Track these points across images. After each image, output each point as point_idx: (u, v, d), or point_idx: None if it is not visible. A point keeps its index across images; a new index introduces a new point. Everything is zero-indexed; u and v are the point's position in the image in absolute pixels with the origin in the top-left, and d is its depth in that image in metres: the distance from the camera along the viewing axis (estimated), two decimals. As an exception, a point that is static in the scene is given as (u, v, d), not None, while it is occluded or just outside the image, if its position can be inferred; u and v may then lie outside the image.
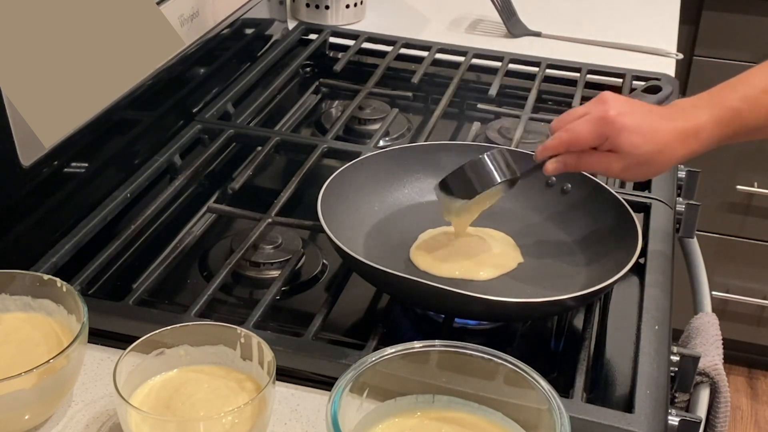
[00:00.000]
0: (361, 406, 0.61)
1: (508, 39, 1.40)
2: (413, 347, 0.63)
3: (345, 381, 0.60)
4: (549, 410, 0.58)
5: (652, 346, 0.74)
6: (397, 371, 0.62)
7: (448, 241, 0.84)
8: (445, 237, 0.85)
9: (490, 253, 0.83)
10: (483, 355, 0.63)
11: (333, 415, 0.57)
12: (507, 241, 0.85)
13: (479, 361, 0.63)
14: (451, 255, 0.82)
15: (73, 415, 0.68)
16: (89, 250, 0.84)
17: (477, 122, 1.12)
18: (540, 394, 0.60)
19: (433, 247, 0.83)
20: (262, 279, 0.84)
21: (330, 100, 1.25)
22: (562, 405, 0.58)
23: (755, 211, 2.02)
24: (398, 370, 0.62)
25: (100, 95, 0.87)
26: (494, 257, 0.82)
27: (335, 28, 1.37)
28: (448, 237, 0.85)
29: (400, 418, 0.62)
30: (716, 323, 0.94)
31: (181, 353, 0.66)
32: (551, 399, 0.59)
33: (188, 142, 1.03)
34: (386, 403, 0.62)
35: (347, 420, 0.59)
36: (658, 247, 0.87)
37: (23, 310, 0.70)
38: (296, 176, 0.95)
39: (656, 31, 1.44)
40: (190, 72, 1.07)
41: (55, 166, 0.83)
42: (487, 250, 0.83)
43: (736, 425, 2.11)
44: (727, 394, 0.86)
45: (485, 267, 0.81)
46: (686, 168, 1.10)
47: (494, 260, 0.82)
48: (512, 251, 0.84)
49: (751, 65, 0.80)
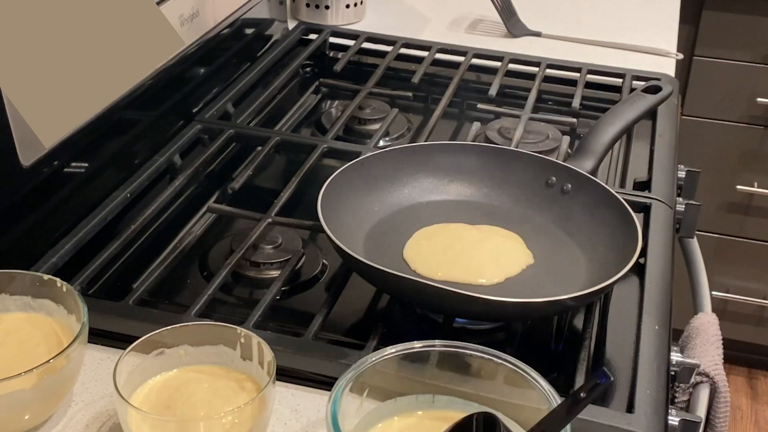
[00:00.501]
0: (361, 406, 0.61)
1: (508, 39, 1.40)
2: (413, 347, 0.63)
3: (345, 381, 0.60)
4: (549, 410, 0.58)
5: (652, 346, 0.74)
6: (398, 371, 0.62)
7: (448, 242, 0.84)
8: (445, 237, 0.84)
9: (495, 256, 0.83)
10: (483, 355, 0.63)
11: (333, 415, 0.57)
12: (516, 242, 0.85)
13: (479, 361, 0.63)
14: (453, 258, 0.82)
15: (73, 415, 0.68)
16: (89, 250, 0.84)
17: (477, 122, 1.12)
18: (540, 394, 0.60)
19: (430, 251, 0.83)
20: (262, 279, 0.84)
21: (330, 100, 1.25)
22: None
23: (755, 211, 2.03)
24: (398, 370, 0.62)
25: (100, 95, 0.87)
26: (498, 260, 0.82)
27: (335, 28, 1.37)
28: (448, 237, 0.84)
29: (399, 417, 0.62)
30: (716, 323, 0.94)
31: (181, 353, 0.66)
32: (551, 399, 0.59)
33: (188, 142, 1.03)
34: (386, 402, 0.62)
35: (347, 420, 0.59)
36: (658, 247, 0.87)
37: (23, 310, 0.70)
38: (296, 176, 0.95)
39: (656, 31, 1.45)
40: (190, 72, 1.07)
41: (55, 166, 0.83)
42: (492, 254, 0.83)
43: (736, 425, 2.11)
44: (727, 394, 0.86)
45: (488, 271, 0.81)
46: (686, 168, 1.10)
47: (498, 264, 0.82)
48: (519, 254, 0.83)
49: (751, 65, 0.80)
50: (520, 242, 0.85)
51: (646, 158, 1.05)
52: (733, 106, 1.93)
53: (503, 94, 1.21)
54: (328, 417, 0.57)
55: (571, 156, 0.93)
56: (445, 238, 0.84)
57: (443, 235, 0.85)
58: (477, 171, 0.92)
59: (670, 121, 1.13)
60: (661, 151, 1.05)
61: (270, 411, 0.63)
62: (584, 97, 1.18)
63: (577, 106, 1.16)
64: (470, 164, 0.92)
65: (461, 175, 0.92)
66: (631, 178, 1.02)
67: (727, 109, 1.94)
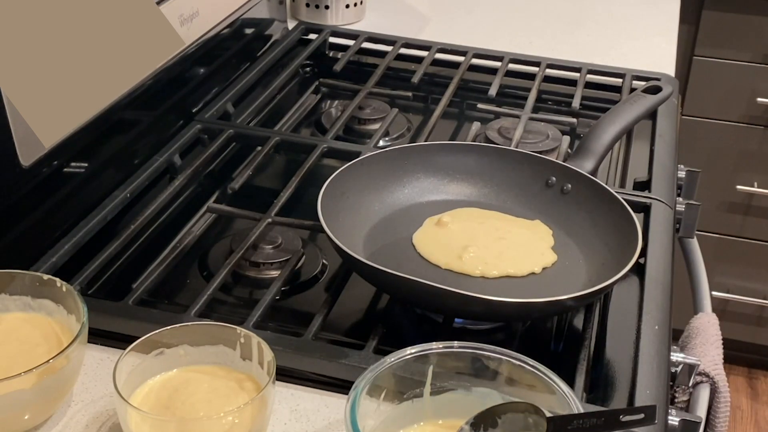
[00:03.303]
0: (378, 408, 0.61)
1: (508, 39, 1.40)
2: (431, 348, 0.63)
3: (363, 382, 0.59)
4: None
5: (652, 346, 0.74)
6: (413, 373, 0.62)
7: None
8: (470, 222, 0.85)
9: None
10: (501, 356, 0.62)
11: (352, 418, 0.56)
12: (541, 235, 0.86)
13: (498, 362, 0.62)
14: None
15: (73, 415, 0.68)
16: (89, 250, 0.83)
17: (477, 122, 1.12)
18: (560, 398, 0.59)
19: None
20: (262, 279, 0.84)
21: (330, 100, 1.25)
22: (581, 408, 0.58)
23: (755, 211, 2.03)
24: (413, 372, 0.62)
25: (100, 95, 0.87)
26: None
27: (335, 28, 1.37)
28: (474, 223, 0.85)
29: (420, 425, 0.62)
30: (716, 323, 0.94)
31: (181, 353, 0.66)
32: (572, 404, 0.59)
33: (188, 142, 1.03)
34: (402, 405, 0.62)
35: (366, 423, 0.58)
36: (658, 247, 0.87)
37: (23, 310, 0.70)
38: (296, 176, 0.95)
39: (656, 31, 1.45)
40: (190, 72, 1.07)
41: (55, 166, 0.83)
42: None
43: (736, 425, 2.11)
44: (727, 394, 0.86)
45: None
46: (686, 168, 1.10)
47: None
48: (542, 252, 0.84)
49: (751, 65, 0.80)
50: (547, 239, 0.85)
51: (646, 158, 1.05)
52: (733, 106, 1.93)
53: (503, 94, 1.21)
54: (347, 419, 0.56)
55: (571, 156, 0.93)
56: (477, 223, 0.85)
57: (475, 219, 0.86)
58: (477, 171, 0.92)
59: (670, 121, 1.13)
60: (661, 151, 1.05)
61: (270, 411, 0.63)
62: (584, 97, 1.18)
63: (577, 106, 1.16)
64: (470, 164, 0.92)
65: (461, 175, 0.92)
66: (631, 178, 1.02)
67: (727, 109, 1.94)
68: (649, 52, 1.37)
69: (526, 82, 1.22)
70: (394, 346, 0.70)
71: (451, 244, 0.82)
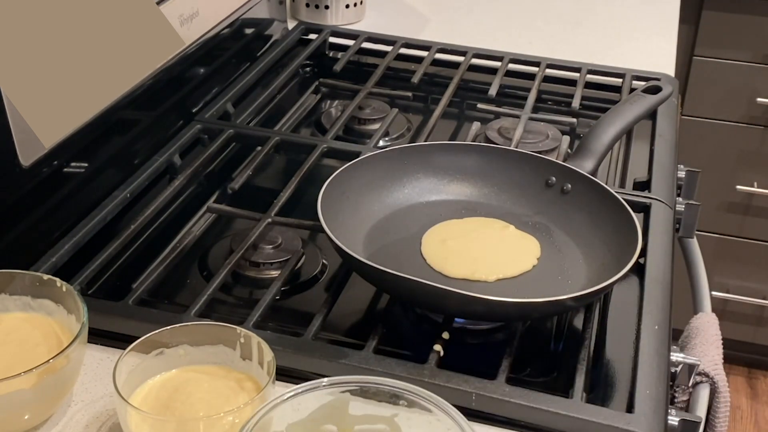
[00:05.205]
0: None
1: (508, 39, 1.40)
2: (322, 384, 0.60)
3: None
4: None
5: (652, 346, 0.74)
6: None
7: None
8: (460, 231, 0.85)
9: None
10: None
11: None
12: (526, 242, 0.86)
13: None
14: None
15: (72, 415, 0.68)
16: (89, 250, 0.83)
17: (477, 122, 1.12)
18: None
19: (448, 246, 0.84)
20: (262, 279, 0.84)
21: (330, 100, 1.25)
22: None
23: (755, 211, 2.03)
24: None
25: (100, 95, 0.87)
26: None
27: (335, 28, 1.37)
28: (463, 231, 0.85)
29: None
30: (716, 323, 0.94)
31: (181, 353, 0.66)
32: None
33: (188, 142, 1.03)
34: None
35: None
36: (658, 247, 0.87)
37: (23, 310, 0.70)
38: (296, 176, 0.95)
39: (656, 31, 1.45)
40: (190, 72, 1.07)
41: (55, 166, 0.83)
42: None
43: (736, 425, 2.11)
44: (727, 394, 0.86)
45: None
46: (686, 168, 1.10)
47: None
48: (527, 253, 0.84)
49: (751, 65, 0.80)
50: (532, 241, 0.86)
51: (646, 158, 1.05)
52: (733, 106, 1.93)
53: (503, 94, 1.21)
54: None
55: (571, 156, 0.93)
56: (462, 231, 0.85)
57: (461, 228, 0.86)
58: (477, 171, 0.92)
59: (670, 121, 1.13)
60: (661, 151, 1.05)
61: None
62: (584, 97, 1.18)
63: (577, 106, 1.16)
64: (470, 164, 0.92)
65: (461, 175, 0.92)
66: (631, 178, 1.02)
67: (727, 109, 1.94)
68: (649, 52, 1.37)
69: (526, 82, 1.22)
70: (394, 346, 0.71)
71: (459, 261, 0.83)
